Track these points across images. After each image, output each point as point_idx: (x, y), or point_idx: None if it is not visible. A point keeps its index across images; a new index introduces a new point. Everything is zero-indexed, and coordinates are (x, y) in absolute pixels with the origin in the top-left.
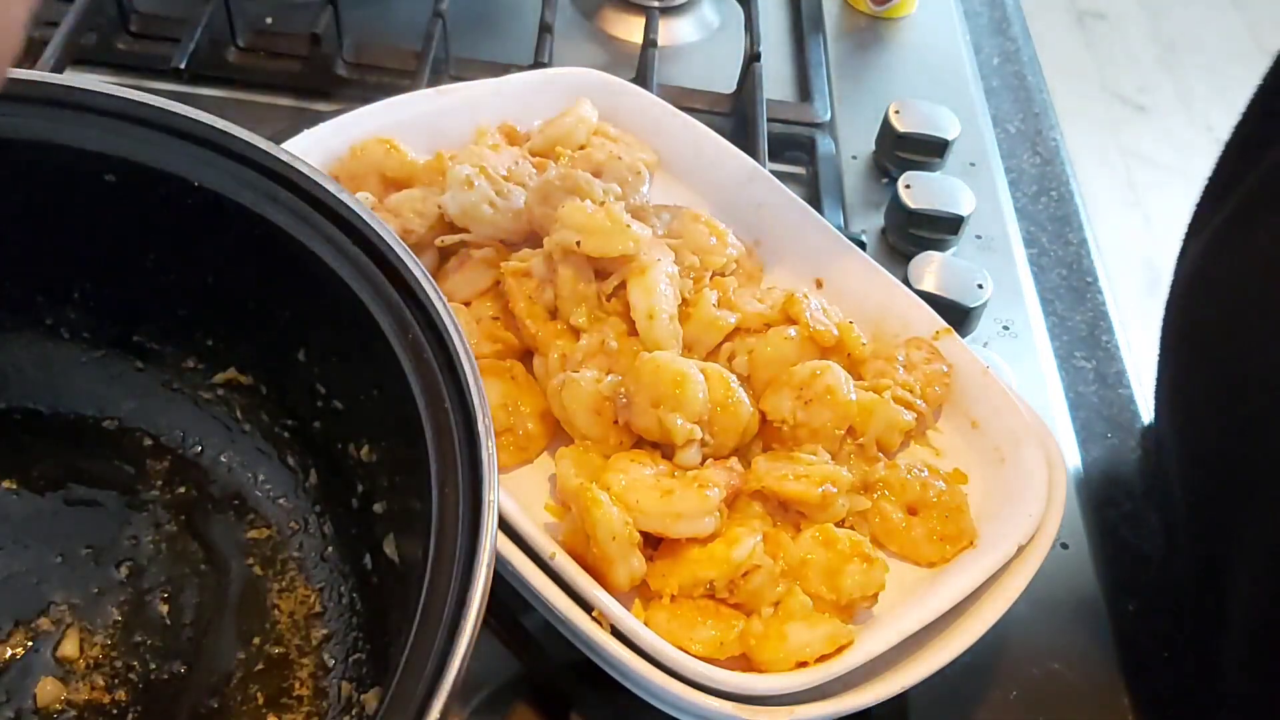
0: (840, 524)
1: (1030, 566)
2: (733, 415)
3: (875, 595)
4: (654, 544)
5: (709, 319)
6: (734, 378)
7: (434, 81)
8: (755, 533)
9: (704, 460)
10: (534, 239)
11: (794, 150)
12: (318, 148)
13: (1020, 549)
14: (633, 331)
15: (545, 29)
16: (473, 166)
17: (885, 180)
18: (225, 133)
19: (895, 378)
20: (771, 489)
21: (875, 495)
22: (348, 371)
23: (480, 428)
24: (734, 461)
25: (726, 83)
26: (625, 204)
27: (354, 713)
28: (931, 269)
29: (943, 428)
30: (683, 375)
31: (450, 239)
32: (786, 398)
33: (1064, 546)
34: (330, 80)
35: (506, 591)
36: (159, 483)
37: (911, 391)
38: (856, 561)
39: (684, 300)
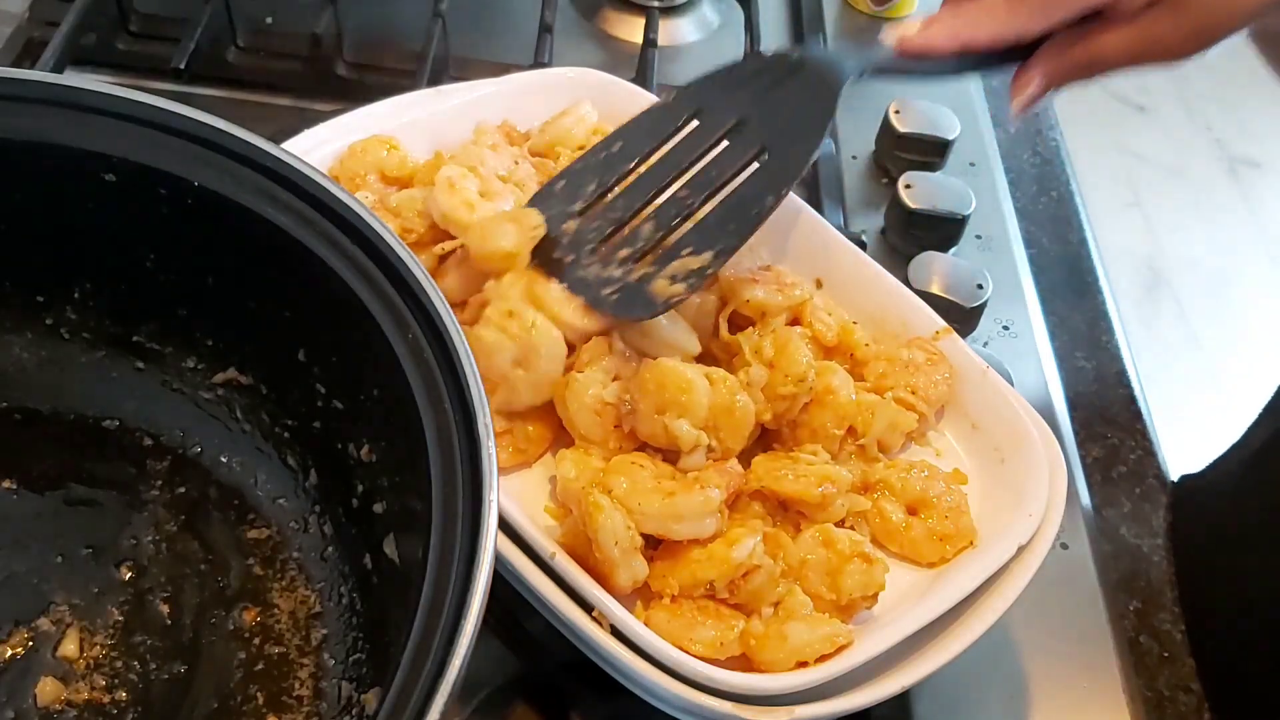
0: (840, 524)
1: (1030, 566)
2: (739, 420)
3: (875, 595)
4: (654, 544)
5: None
6: (736, 380)
7: (434, 81)
8: (755, 533)
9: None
10: None
11: None
12: (318, 148)
13: (1020, 549)
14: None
15: (545, 29)
16: (461, 168)
17: (885, 180)
18: (225, 133)
19: (898, 379)
20: (771, 488)
21: (875, 495)
22: (347, 371)
23: (480, 428)
24: (733, 462)
25: None
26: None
27: (354, 713)
28: (931, 269)
29: (943, 428)
30: (687, 382)
31: (449, 245)
32: None
33: (1064, 546)
34: (330, 80)
35: (506, 591)
36: (159, 483)
37: (914, 393)
38: (857, 561)
39: None
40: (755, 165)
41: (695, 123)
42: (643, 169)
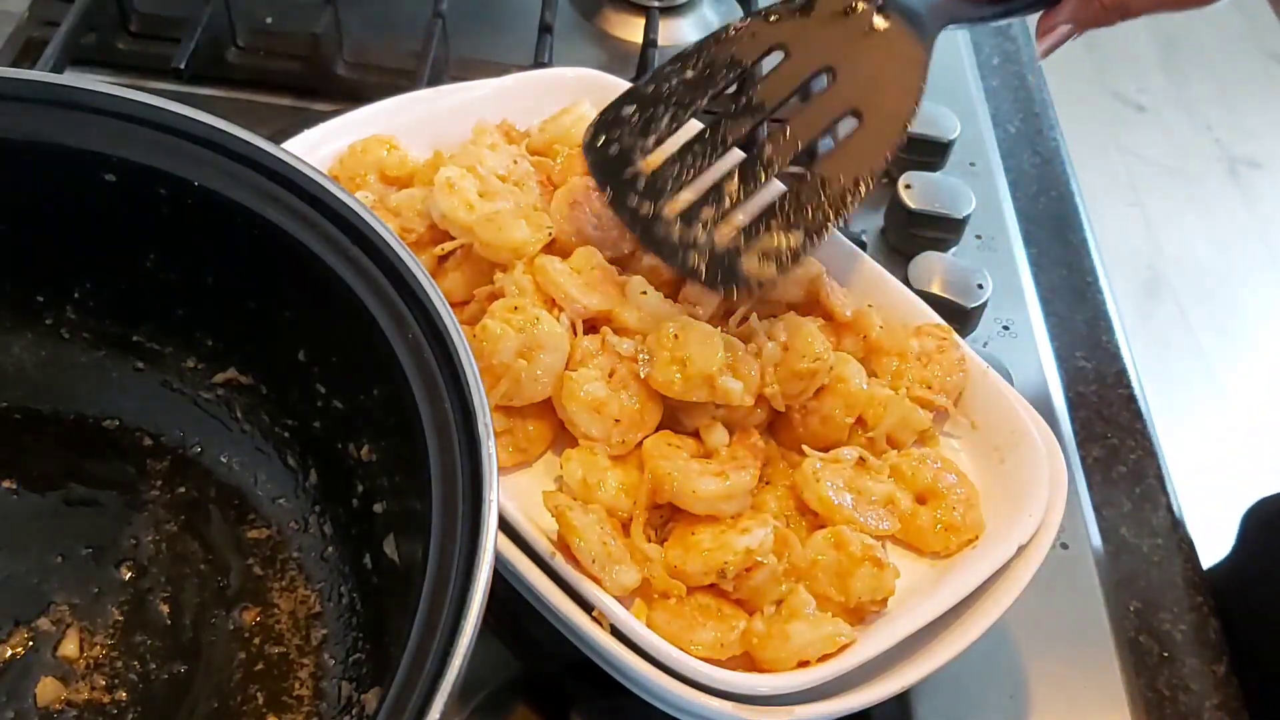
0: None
1: (1030, 566)
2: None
3: (884, 600)
4: (662, 524)
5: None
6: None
7: (434, 81)
8: (766, 524)
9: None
10: None
11: None
12: (318, 148)
13: (1020, 549)
14: None
15: (545, 29)
16: (460, 168)
17: (885, 180)
18: (225, 133)
19: (912, 375)
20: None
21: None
22: (348, 371)
23: (480, 428)
24: (755, 437)
25: None
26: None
27: (354, 713)
28: (931, 269)
29: (943, 428)
30: (707, 334)
31: (449, 245)
32: None
33: (1064, 546)
34: (330, 80)
35: (506, 591)
36: (159, 483)
37: (930, 388)
38: (867, 565)
39: None
40: (845, 129)
41: (779, 56)
42: (721, 104)
